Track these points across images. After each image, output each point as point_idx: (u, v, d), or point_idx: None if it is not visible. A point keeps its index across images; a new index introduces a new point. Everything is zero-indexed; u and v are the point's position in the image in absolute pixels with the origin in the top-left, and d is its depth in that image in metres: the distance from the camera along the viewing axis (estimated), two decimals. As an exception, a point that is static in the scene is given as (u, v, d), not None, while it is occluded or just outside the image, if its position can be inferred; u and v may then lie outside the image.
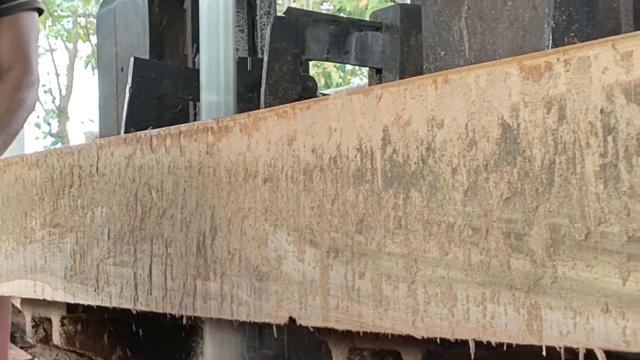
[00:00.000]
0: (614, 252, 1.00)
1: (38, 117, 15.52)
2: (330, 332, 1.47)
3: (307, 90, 2.04)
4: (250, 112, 1.55)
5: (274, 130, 1.48)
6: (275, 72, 1.80)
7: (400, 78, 1.76)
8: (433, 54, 1.68)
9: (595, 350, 1.03)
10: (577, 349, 1.06)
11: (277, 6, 2.22)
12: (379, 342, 1.44)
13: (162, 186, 1.76)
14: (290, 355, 2.13)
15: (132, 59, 2.14)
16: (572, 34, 1.23)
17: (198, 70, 2.23)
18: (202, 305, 1.66)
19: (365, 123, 1.31)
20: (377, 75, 1.87)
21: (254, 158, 1.52)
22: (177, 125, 1.72)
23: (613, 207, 1.00)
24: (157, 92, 2.14)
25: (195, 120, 2.52)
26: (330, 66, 17.58)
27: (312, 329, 1.45)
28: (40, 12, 2.28)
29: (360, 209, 1.32)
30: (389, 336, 1.33)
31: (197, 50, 2.29)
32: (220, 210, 1.60)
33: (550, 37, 1.22)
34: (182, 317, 1.73)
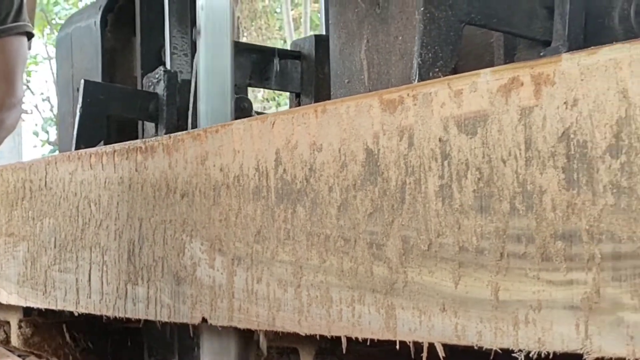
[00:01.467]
0: (449, 260, 1.16)
1: (36, 124, 15.58)
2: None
3: (243, 111, 2.19)
4: (171, 134, 1.71)
5: (190, 150, 1.63)
6: (203, 97, 1.96)
7: (316, 102, 1.92)
8: (340, 81, 1.84)
9: (435, 344, 1.19)
10: (428, 343, 1.21)
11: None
12: (282, 340, 1.59)
13: (99, 200, 1.91)
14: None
15: (82, 81, 2.29)
16: (437, 69, 1.38)
17: (145, 92, 2.39)
18: (132, 307, 1.82)
19: (262, 146, 1.46)
20: (297, 99, 2.03)
21: (174, 175, 1.68)
22: (112, 145, 1.88)
23: (448, 221, 1.16)
24: (105, 112, 2.29)
25: (151, 135, 2.67)
26: None
27: (220, 328, 1.60)
28: (30, 36, 2.37)
29: (257, 222, 1.47)
30: (288, 334, 1.49)
31: (145, 73, 2.45)
32: (146, 222, 1.76)
33: (417, 72, 1.38)
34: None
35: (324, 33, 2.11)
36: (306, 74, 1.92)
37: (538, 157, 1.05)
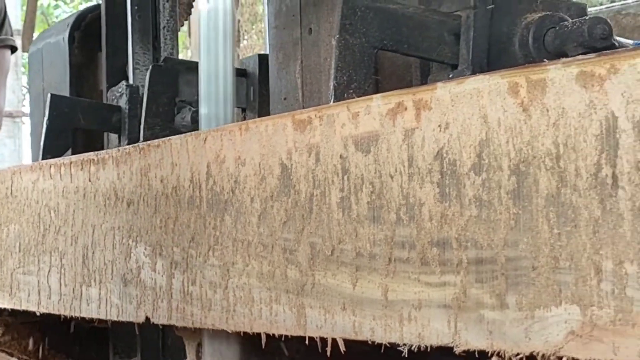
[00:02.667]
0: (348, 264, 1.28)
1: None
2: (185, 329, 1.74)
3: (197, 123, 2.31)
4: (120, 147, 1.83)
5: (135, 163, 1.75)
6: (153, 112, 2.08)
7: (259, 116, 2.04)
8: (278, 98, 1.96)
9: (337, 339, 1.31)
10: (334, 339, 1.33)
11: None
12: (217, 336, 1.71)
13: (58, 207, 2.03)
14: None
15: (49, 95, 2.41)
16: (351, 91, 1.51)
17: (108, 105, 2.51)
18: (86, 307, 1.93)
19: (196, 160, 1.59)
20: (243, 114, 2.15)
21: (121, 185, 1.80)
22: (69, 156, 2.00)
23: (347, 230, 1.28)
24: (70, 124, 2.41)
25: (115, 145, 2.78)
26: None
27: (161, 327, 1.72)
28: (13, 50, 2.46)
29: (192, 229, 1.59)
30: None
31: (110, 87, 2.57)
32: (98, 228, 1.88)
33: (333, 93, 1.50)
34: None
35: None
36: (251, 91, 2.05)
37: (418, 173, 1.17)
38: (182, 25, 2.92)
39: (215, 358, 1.71)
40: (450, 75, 1.56)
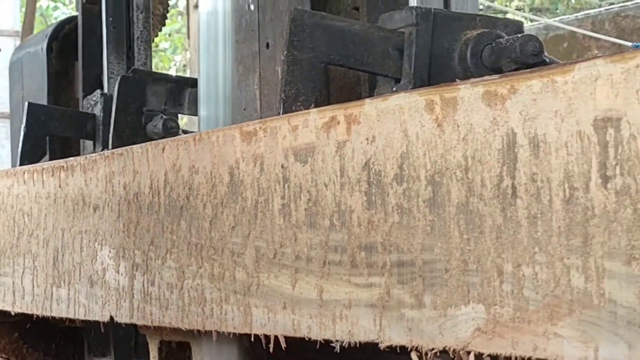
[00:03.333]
0: (288, 266, 1.37)
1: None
2: (147, 327, 1.82)
3: (169, 130, 2.40)
4: (88, 155, 1.91)
5: (101, 170, 1.84)
6: (121, 121, 2.17)
7: (223, 126, 2.12)
8: (238, 108, 2.05)
9: (279, 336, 1.40)
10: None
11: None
12: (179, 335, 1.79)
13: (31, 212, 2.12)
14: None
15: (26, 103, 2.50)
16: (299, 104, 1.59)
17: (83, 113, 2.60)
18: (56, 307, 2.02)
19: (155, 168, 1.67)
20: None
21: (88, 191, 1.88)
22: (41, 163, 2.08)
23: (287, 234, 1.37)
24: (46, 132, 2.50)
25: (90, 152, 2.86)
26: None
27: (124, 325, 1.81)
28: None
29: (151, 233, 1.68)
30: (184, 330, 1.69)
31: (86, 95, 2.66)
32: (68, 232, 1.96)
33: (281, 106, 1.58)
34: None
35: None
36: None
37: (349, 182, 1.26)
38: (156, 36, 3.01)
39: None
40: (394, 89, 1.64)
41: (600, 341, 0.95)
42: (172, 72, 17.13)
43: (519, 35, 1.59)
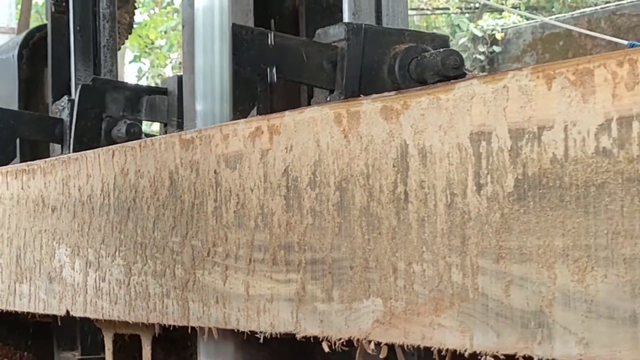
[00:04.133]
0: (220, 264, 1.47)
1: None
2: (103, 321, 1.92)
3: (132, 134, 2.50)
4: (47, 159, 2.01)
5: (59, 173, 1.94)
6: (81, 127, 2.28)
7: (179, 130, 2.23)
8: (190, 115, 2.16)
9: (212, 329, 1.50)
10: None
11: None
12: (130, 328, 1.89)
13: (-4, 212, 2.21)
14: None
15: (-4, 108, 2.60)
16: (238, 113, 1.70)
17: (51, 117, 2.69)
18: (19, 302, 2.12)
19: (106, 172, 1.77)
20: (164, 128, 2.35)
21: (47, 193, 1.98)
22: (6, 167, 2.18)
23: (219, 234, 1.47)
24: (15, 135, 2.60)
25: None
26: None
27: (78, 319, 1.91)
28: None
29: (102, 232, 1.78)
30: (140, 324, 1.79)
31: (55, 100, 2.76)
32: (29, 232, 2.06)
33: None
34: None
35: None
36: (171, 107, 2.24)
37: (270, 187, 1.36)
38: (123, 44, 3.11)
39: (211, 356, 1.71)
40: (328, 99, 1.75)
41: (475, 331, 1.06)
42: (168, 70, 17.18)
43: (442, 49, 1.69)
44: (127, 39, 2.98)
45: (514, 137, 1.01)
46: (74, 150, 2.25)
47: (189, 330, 1.57)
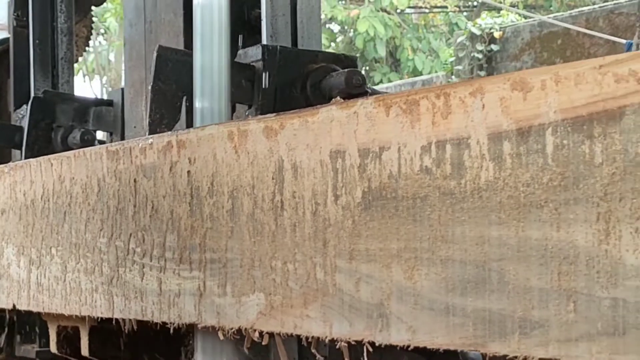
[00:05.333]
0: (138, 262, 1.62)
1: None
2: (48, 314, 2.07)
3: (86, 141, 2.65)
4: (-2, 166, 2.16)
5: (7, 179, 2.08)
6: (33, 136, 2.42)
7: (122, 139, 2.38)
8: (130, 126, 2.31)
9: (132, 320, 1.65)
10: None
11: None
12: (71, 321, 2.04)
13: (-46, 214, 2.35)
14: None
15: (-43, 116, 2.75)
16: (163, 126, 1.85)
17: (12, 125, 2.84)
18: (-27, 297, 2.26)
19: (46, 179, 1.92)
20: (110, 137, 2.50)
21: (-3, 197, 2.13)
22: (-38, 172, 2.32)
23: (138, 236, 1.62)
24: (-27, 142, 2.75)
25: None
26: None
27: (23, 312, 2.05)
28: None
29: (43, 233, 1.93)
30: (74, 316, 1.94)
31: (16, 109, 2.90)
32: (-18, 232, 2.21)
33: (148, 128, 1.84)
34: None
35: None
36: (115, 118, 2.39)
37: (178, 195, 1.51)
38: (81, 56, 3.25)
39: (208, 355, 1.68)
40: (247, 114, 1.90)
41: (334, 320, 1.21)
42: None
43: (347, 70, 1.85)
44: (85, 50, 3.12)
45: (362, 156, 1.17)
46: (26, 157, 2.39)
47: (114, 322, 1.72)
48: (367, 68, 19.24)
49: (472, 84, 1.03)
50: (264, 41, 1.98)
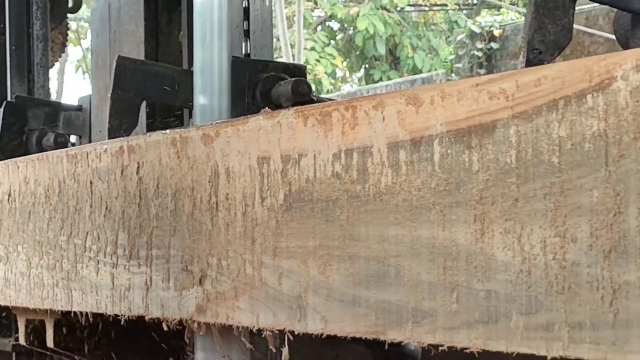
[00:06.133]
0: (93, 258, 1.72)
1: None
2: (16, 308, 2.17)
3: (59, 144, 2.75)
4: (-30, 168, 2.25)
5: (-22, 180, 2.18)
6: (5, 139, 2.52)
7: (89, 142, 2.48)
8: (97, 130, 2.42)
9: (88, 313, 1.75)
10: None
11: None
12: (38, 314, 2.14)
13: None
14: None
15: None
16: (122, 131, 1.95)
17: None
18: (-53, 291, 2.36)
19: (13, 180, 2.02)
20: (80, 141, 2.60)
21: (-31, 197, 2.22)
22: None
23: (93, 234, 1.72)
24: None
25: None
26: (320, 73, 17.79)
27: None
28: None
29: (10, 232, 2.03)
30: (38, 310, 2.04)
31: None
32: (-45, 230, 2.30)
33: (108, 134, 1.94)
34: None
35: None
36: (84, 123, 2.50)
37: (129, 196, 1.61)
38: (57, 61, 3.35)
39: (207, 352, 1.66)
40: (190, 120, 2.00)
41: (260, 311, 1.32)
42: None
43: (294, 79, 1.95)
44: (60, 56, 3.22)
45: (284, 162, 1.27)
46: (-1, 160, 2.49)
47: (72, 314, 1.82)
48: (367, 66, 19.23)
49: (375, 98, 1.13)
50: (219, 51, 2.07)
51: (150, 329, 2.04)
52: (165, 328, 1.54)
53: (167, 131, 1.54)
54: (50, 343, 2.09)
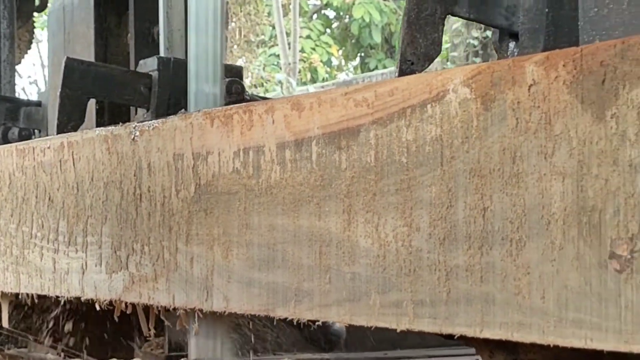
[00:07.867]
0: (38, 244, 1.84)
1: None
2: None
3: (23, 137, 2.86)
4: None
5: (-61, 172, 2.29)
6: (-26, 133, 2.66)
7: (47, 136, 2.61)
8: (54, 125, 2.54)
9: (34, 295, 1.87)
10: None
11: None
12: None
13: None
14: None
15: None
16: (70, 127, 2.07)
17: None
18: None
19: (-30, 172, 2.13)
20: (39, 134, 2.72)
21: None
22: None
23: (38, 222, 1.84)
24: None
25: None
26: (316, 61, 17.78)
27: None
28: None
29: (-33, 220, 2.14)
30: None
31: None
32: None
33: (56, 129, 2.06)
34: None
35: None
36: (43, 117, 2.61)
37: (68, 187, 1.73)
38: (23, 58, 3.46)
39: (201, 338, 1.75)
40: (145, 116, 2.12)
41: (175, 292, 1.44)
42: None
43: (228, 79, 2.07)
44: (27, 53, 3.33)
45: (195, 158, 1.39)
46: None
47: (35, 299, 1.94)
48: (363, 54, 19.18)
49: (267, 103, 1.26)
50: (161, 53, 2.19)
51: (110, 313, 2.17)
52: (97, 308, 1.66)
53: (101, 129, 1.66)
54: (5, 323, 2.21)
